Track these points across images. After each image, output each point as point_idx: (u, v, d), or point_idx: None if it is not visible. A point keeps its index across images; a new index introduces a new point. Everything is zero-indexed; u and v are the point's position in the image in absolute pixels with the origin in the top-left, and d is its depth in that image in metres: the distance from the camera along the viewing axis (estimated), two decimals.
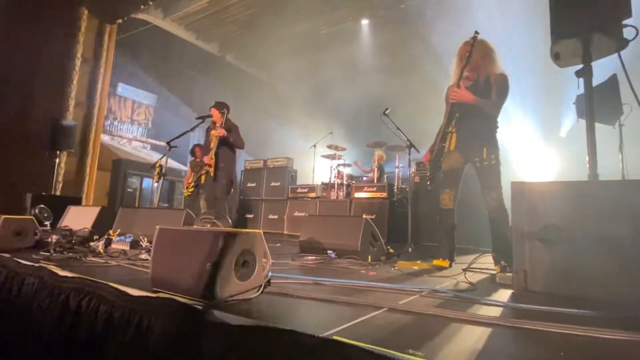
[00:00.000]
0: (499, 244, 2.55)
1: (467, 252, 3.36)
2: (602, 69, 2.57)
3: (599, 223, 1.72)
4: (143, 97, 9.56)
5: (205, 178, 4.66)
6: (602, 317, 1.38)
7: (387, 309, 1.43)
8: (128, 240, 2.70)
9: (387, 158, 7.17)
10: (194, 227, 2.55)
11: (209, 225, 2.74)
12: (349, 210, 5.86)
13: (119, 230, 2.89)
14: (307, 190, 6.57)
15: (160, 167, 4.32)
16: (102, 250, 2.60)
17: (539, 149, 6.55)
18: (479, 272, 2.52)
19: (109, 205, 7.58)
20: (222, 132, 4.47)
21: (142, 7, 6.74)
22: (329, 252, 2.96)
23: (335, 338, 1.00)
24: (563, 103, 6.29)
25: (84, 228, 3.03)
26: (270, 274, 1.58)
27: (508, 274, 2.10)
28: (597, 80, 2.25)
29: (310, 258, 2.90)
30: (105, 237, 2.80)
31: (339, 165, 6.73)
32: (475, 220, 4.29)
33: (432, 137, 2.98)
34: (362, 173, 7.50)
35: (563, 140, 6.50)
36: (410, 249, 3.57)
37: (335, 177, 6.62)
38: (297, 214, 6.36)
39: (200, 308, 1.24)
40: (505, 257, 2.36)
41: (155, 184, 4.29)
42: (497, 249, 2.58)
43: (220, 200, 4.52)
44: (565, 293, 1.73)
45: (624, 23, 2.03)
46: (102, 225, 3.19)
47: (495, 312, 1.50)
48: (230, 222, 3.27)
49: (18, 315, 1.81)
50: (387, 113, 3.99)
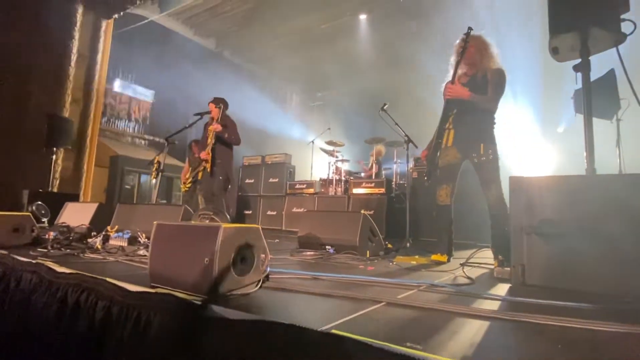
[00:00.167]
0: (499, 239, 2.56)
1: (465, 247, 3.38)
2: (599, 64, 2.57)
3: (597, 217, 1.73)
4: (140, 93, 9.50)
5: (202, 174, 4.65)
6: (599, 310, 1.39)
7: (385, 303, 1.44)
8: (126, 237, 2.70)
9: (385, 153, 7.17)
10: (192, 222, 2.54)
11: (207, 221, 2.74)
12: (347, 206, 5.86)
13: (117, 227, 2.88)
14: (305, 186, 6.56)
15: (158, 163, 4.30)
16: (99, 247, 2.59)
17: (537, 144, 6.56)
18: (477, 266, 2.53)
19: (107, 202, 7.55)
20: (217, 127, 4.45)
21: (138, 1, 6.69)
22: (328, 247, 2.97)
23: (334, 332, 1.01)
24: (561, 98, 6.29)
25: (82, 224, 3.02)
26: (269, 269, 1.58)
27: (506, 268, 2.11)
28: (594, 75, 2.25)
29: (309, 253, 2.90)
30: (103, 233, 2.79)
31: (337, 161, 6.73)
32: (474, 216, 4.30)
33: (430, 132, 2.98)
34: (362, 171, 7.48)
35: (561, 135, 6.51)
36: (409, 244, 3.59)
37: (334, 173, 6.62)
38: (295, 210, 6.36)
39: (199, 303, 1.24)
40: (505, 252, 2.36)
41: (153, 181, 4.26)
42: (497, 244, 2.59)
43: (218, 196, 4.51)
44: (563, 287, 1.74)
45: (622, 17, 2.03)
46: (99, 222, 3.18)
47: (493, 305, 1.50)
48: (229, 217, 3.27)
49: (16, 312, 1.81)
50: (385, 108, 3.99)
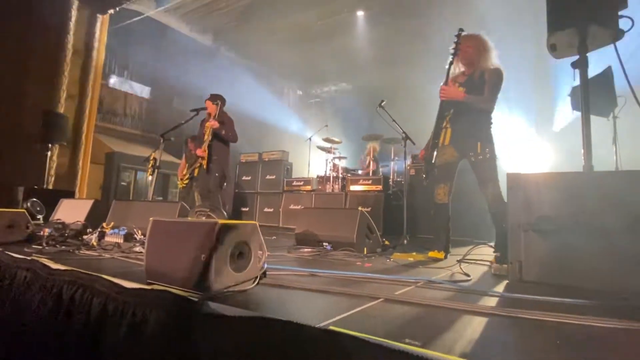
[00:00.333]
0: (499, 237, 2.57)
1: (463, 244, 3.38)
2: (596, 62, 2.57)
3: (594, 214, 1.73)
4: (136, 89, 9.43)
5: (199, 171, 4.62)
6: (595, 306, 1.39)
7: (383, 300, 1.43)
8: (122, 233, 2.68)
9: (380, 150, 7.15)
10: (189, 219, 2.53)
11: (204, 218, 2.72)
12: (345, 203, 5.86)
13: (113, 223, 2.86)
14: (302, 183, 6.55)
15: (154, 160, 4.27)
16: (95, 243, 2.57)
17: (535, 142, 6.57)
18: (474, 263, 2.53)
19: (103, 199, 7.51)
20: (214, 124, 4.43)
21: None
22: (325, 244, 2.96)
23: (332, 328, 1.00)
24: (558, 96, 6.31)
25: (77, 221, 3.00)
26: (266, 266, 1.57)
27: (503, 265, 2.11)
28: (591, 73, 2.25)
29: (306, 250, 2.90)
30: (99, 230, 2.77)
31: (335, 158, 6.72)
32: (471, 213, 4.31)
33: (428, 130, 2.97)
34: (361, 168, 7.47)
35: (557, 133, 6.53)
36: (406, 241, 3.59)
37: (331, 170, 6.61)
38: (292, 207, 6.35)
39: (195, 300, 1.23)
40: (504, 249, 2.37)
41: (149, 177, 4.23)
42: (497, 241, 2.60)
43: (214, 193, 4.49)
44: (560, 283, 1.75)
45: (620, 14, 2.03)
46: (95, 219, 3.16)
47: (491, 302, 1.50)
48: (225, 214, 3.26)
49: (10, 309, 1.79)
50: (382, 105, 3.97)
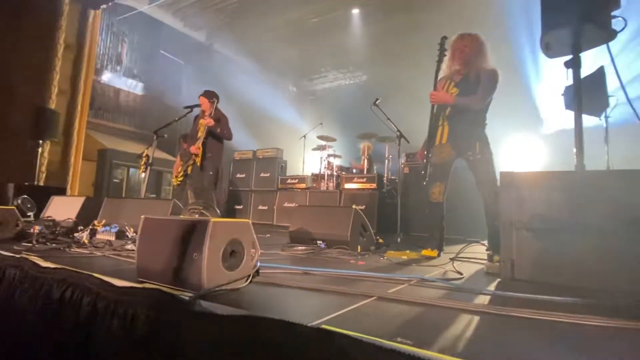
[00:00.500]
0: (494, 236, 2.57)
1: (456, 242, 3.40)
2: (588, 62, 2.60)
3: (585, 212, 1.74)
4: (129, 85, 9.34)
5: (193, 168, 4.59)
6: (587, 304, 1.40)
7: (376, 298, 1.43)
8: (113, 231, 2.65)
9: (374, 149, 7.15)
10: (181, 216, 2.51)
11: (197, 216, 2.70)
12: (339, 201, 5.86)
13: (104, 221, 2.83)
14: (297, 181, 6.54)
15: (147, 157, 4.23)
16: (86, 241, 2.54)
17: (527, 142, 6.61)
18: (467, 261, 2.55)
19: (95, 196, 7.43)
20: (210, 121, 4.40)
21: None
22: (319, 242, 2.96)
23: (325, 327, 1.00)
24: (552, 94, 6.36)
25: (68, 218, 2.96)
26: (259, 264, 1.56)
27: (496, 263, 2.12)
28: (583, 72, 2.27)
29: (300, 248, 2.89)
30: (90, 227, 2.74)
31: (329, 156, 6.71)
32: (465, 211, 4.33)
33: (422, 127, 2.98)
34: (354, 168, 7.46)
35: (550, 132, 6.58)
36: (400, 239, 3.60)
37: (325, 168, 6.60)
38: (286, 205, 6.34)
39: (187, 298, 1.21)
40: (498, 247, 2.38)
41: (142, 174, 4.20)
42: (492, 241, 2.61)
43: (208, 191, 4.47)
44: (552, 281, 1.76)
45: (613, 14, 2.04)
46: (87, 216, 3.12)
47: (483, 300, 1.51)
48: (219, 212, 3.24)
49: None
50: (377, 103, 3.97)
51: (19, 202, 4.03)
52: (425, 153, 2.79)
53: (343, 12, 8.16)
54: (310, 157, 7.48)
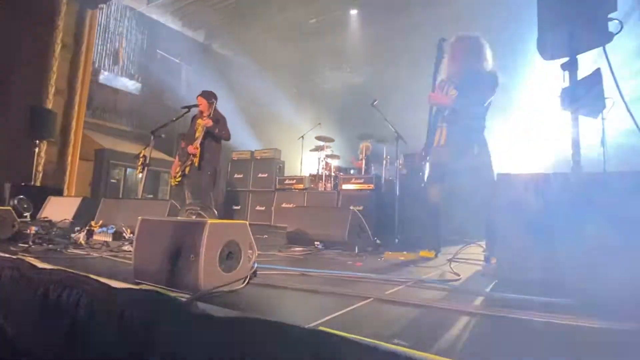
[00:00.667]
0: (491, 237, 2.58)
1: (453, 242, 3.41)
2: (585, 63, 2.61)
3: (582, 213, 1.75)
4: (126, 85, 9.30)
5: (190, 168, 4.58)
6: (583, 305, 1.41)
7: (373, 299, 1.43)
8: (110, 232, 2.64)
9: (372, 149, 7.16)
10: (178, 218, 2.51)
11: (194, 217, 2.70)
12: (337, 202, 5.86)
13: (101, 222, 2.82)
14: (294, 182, 6.53)
15: (144, 157, 4.21)
16: (83, 242, 2.53)
17: (525, 143, 6.64)
18: (464, 262, 2.55)
19: (92, 197, 7.40)
20: (209, 122, 4.39)
21: None
22: (317, 243, 2.96)
23: (322, 329, 1.00)
24: (550, 96, 6.37)
25: (65, 219, 2.95)
26: (256, 265, 1.56)
27: (492, 264, 2.13)
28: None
29: (298, 249, 2.89)
30: (87, 228, 2.73)
31: (327, 157, 6.71)
32: (463, 212, 4.33)
33: (420, 128, 2.98)
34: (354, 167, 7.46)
35: (548, 134, 6.60)
36: (397, 240, 3.61)
37: (323, 168, 6.60)
38: (284, 206, 6.33)
39: (184, 300, 1.21)
40: (495, 249, 2.38)
41: (139, 175, 4.18)
42: (489, 242, 2.61)
43: (205, 191, 4.45)
44: (548, 282, 1.76)
45: (610, 16, 2.05)
46: (83, 217, 3.11)
47: (480, 301, 1.52)
48: (216, 213, 3.24)
49: None
50: (375, 104, 3.98)
51: (16, 202, 4.01)
52: (424, 154, 2.80)
53: (342, 13, 8.17)
54: (308, 157, 7.48)
